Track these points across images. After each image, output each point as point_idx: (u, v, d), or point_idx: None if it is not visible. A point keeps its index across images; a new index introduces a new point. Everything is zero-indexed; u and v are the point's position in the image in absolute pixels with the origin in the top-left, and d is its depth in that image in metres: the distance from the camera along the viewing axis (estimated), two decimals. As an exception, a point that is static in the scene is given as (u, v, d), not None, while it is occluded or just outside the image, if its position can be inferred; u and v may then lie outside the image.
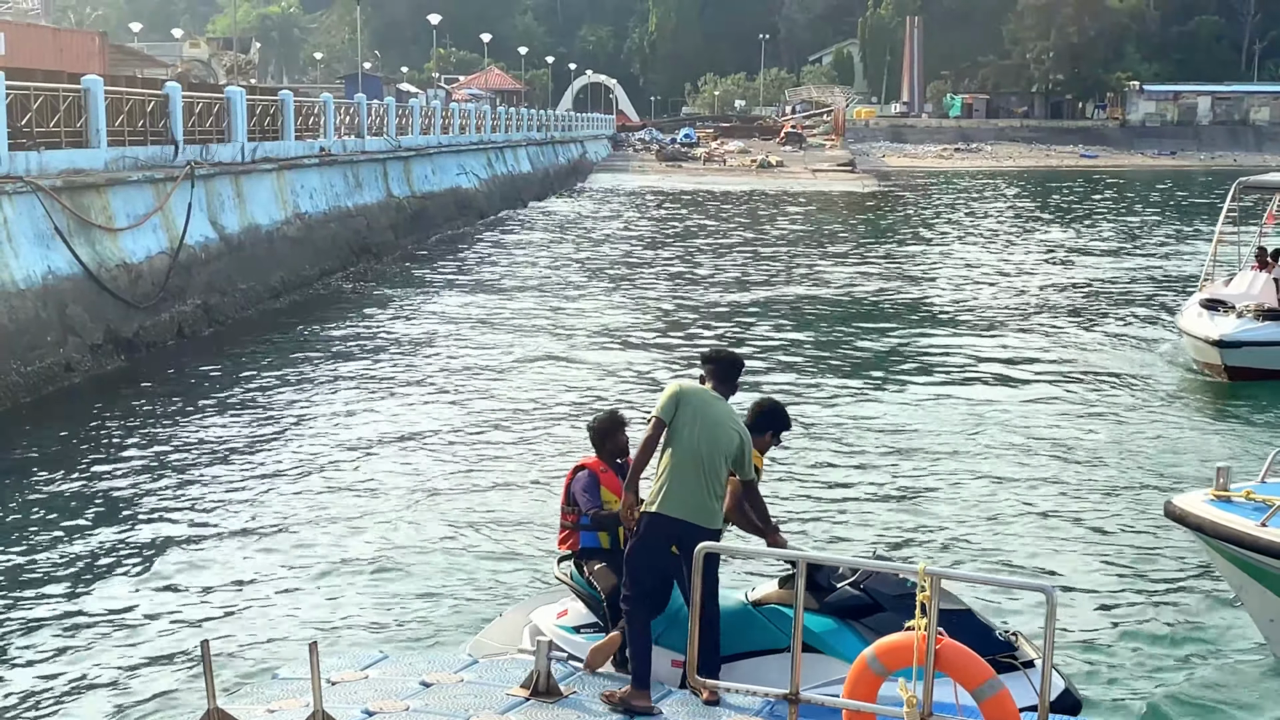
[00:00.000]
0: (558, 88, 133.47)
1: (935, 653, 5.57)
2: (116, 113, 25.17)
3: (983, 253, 40.52)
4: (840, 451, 16.11)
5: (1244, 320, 19.71)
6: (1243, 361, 19.21)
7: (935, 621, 5.53)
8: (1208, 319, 20.18)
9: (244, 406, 18.80)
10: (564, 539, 8.28)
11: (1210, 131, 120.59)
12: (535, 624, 8.63)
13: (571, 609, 8.48)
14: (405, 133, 46.42)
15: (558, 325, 26.14)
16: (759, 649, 7.84)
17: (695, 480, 7.36)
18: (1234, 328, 19.54)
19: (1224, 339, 19.25)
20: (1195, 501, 8.96)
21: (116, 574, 11.89)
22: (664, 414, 7.48)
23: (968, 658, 5.78)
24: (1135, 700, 9.15)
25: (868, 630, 7.57)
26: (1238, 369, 19.26)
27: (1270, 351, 19.31)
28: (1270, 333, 19.50)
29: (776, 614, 7.94)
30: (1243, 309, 20.04)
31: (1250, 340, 19.27)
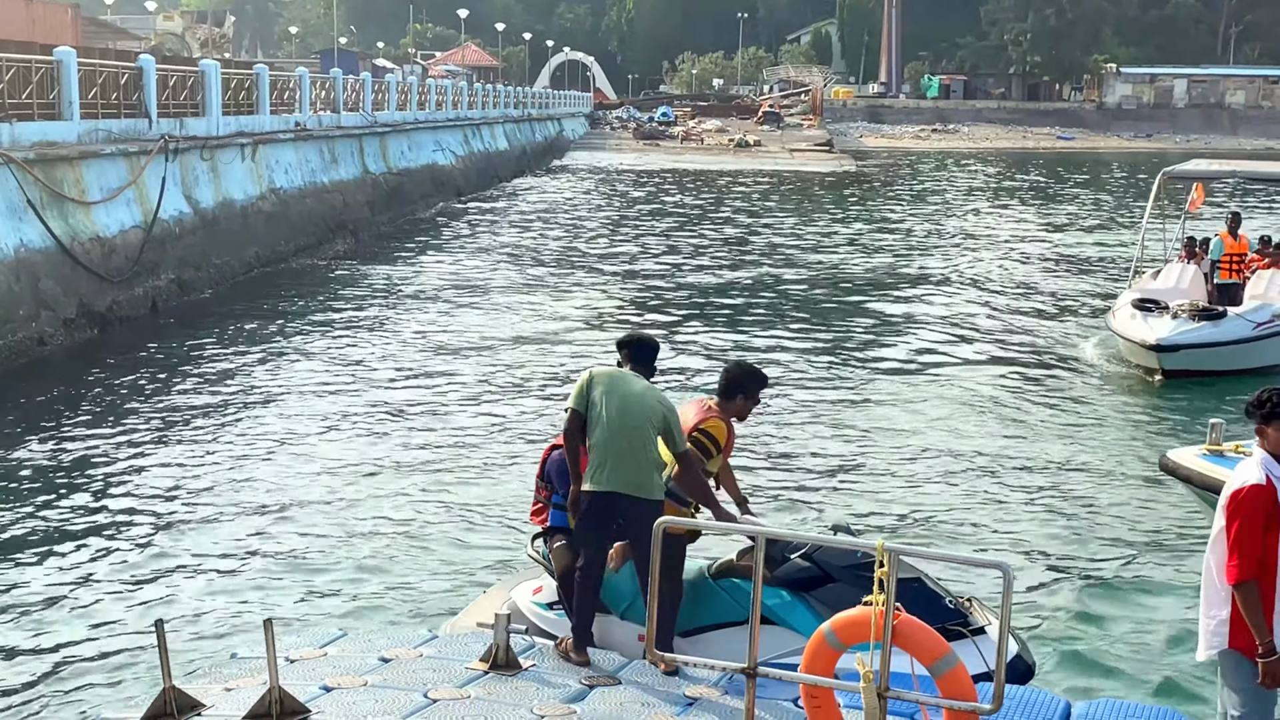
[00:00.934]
0: (535, 65, 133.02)
1: (892, 628, 5.64)
2: (90, 85, 25.04)
3: (950, 235, 40.59)
4: (798, 426, 16.27)
5: (1180, 322, 19.09)
6: (1180, 365, 18.71)
7: (893, 597, 5.60)
8: (1142, 321, 19.51)
9: (214, 382, 18.79)
10: (536, 513, 8.42)
11: (1186, 114, 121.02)
12: (514, 600, 8.70)
13: (546, 585, 8.55)
14: (381, 108, 46.25)
15: (532, 303, 26.16)
16: (718, 622, 7.95)
17: (623, 454, 7.51)
18: (1170, 330, 18.89)
19: (1161, 343, 18.64)
20: (1189, 456, 9.20)
21: (74, 550, 11.85)
22: (576, 403, 7.68)
23: (924, 633, 5.85)
24: (1091, 665, 9.32)
25: (819, 602, 7.71)
26: (1175, 372, 18.74)
27: (1206, 353, 18.86)
28: (1206, 334, 18.98)
29: (734, 587, 8.03)
30: (1176, 309, 19.44)
31: (1187, 343, 18.74)
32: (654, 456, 7.62)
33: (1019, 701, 7.01)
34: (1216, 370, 18.87)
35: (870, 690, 5.61)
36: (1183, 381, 18.57)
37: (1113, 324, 20.40)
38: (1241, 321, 19.34)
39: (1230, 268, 21.87)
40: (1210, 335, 18.93)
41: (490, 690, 7.05)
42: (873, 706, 5.65)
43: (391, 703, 6.80)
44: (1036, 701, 7.11)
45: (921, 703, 5.96)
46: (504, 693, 7.03)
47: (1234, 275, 21.75)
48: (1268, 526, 5.78)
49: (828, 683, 5.84)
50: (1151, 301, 19.97)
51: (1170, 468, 9.34)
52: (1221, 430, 9.34)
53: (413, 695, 6.91)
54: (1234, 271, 21.81)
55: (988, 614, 8.01)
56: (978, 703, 5.77)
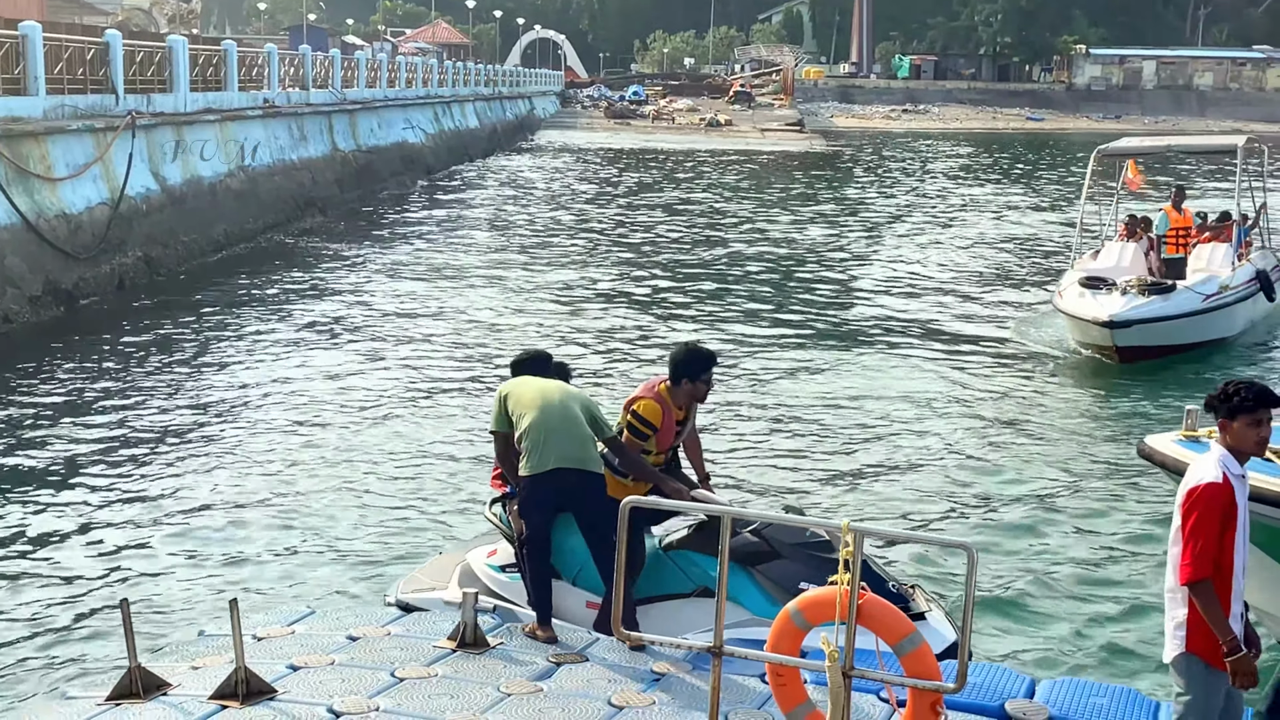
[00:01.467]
0: (505, 43, 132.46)
1: (857, 607, 5.68)
2: (55, 60, 24.81)
3: (912, 216, 40.58)
4: (751, 407, 16.36)
5: (1129, 297, 18.80)
6: (1133, 341, 18.40)
7: (858, 576, 5.64)
8: (1091, 298, 19.14)
9: (181, 360, 18.71)
10: (497, 476, 8.55)
11: (1154, 96, 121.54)
12: (468, 562, 8.84)
13: (501, 549, 8.67)
14: (351, 86, 46.00)
15: (500, 281, 26.15)
16: (669, 593, 8.03)
17: (559, 430, 7.60)
18: (1121, 306, 18.56)
19: (1114, 319, 18.30)
20: (1165, 442, 9.28)
21: (38, 528, 11.79)
22: (498, 425, 7.86)
23: (889, 612, 5.89)
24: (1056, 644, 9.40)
25: (765, 578, 7.81)
26: (1128, 349, 18.44)
27: (1159, 328, 18.61)
28: (1157, 308, 18.71)
29: (686, 559, 8.09)
30: (1125, 285, 19.18)
31: (1140, 318, 18.44)
32: (589, 431, 7.73)
33: (983, 679, 7.08)
34: (1168, 345, 18.76)
35: (835, 669, 5.64)
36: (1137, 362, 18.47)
37: (1060, 304, 20.00)
38: (1191, 294, 19.16)
39: (1176, 242, 21.61)
40: (1161, 309, 18.72)
41: (457, 668, 7.07)
42: (838, 685, 5.68)
43: (358, 682, 6.81)
44: (1001, 679, 7.18)
45: (886, 681, 6.00)
46: (471, 671, 7.06)
47: (1180, 250, 21.50)
48: (1224, 525, 5.67)
49: (793, 661, 5.87)
50: (1098, 279, 19.73)
51: (1147, 453, 9.42)
52: (1197, 416, 9.39)
53: (380, 674, 6.93)
54: (1179, 246, 21.56)
55: (929, 601, 8.16)
56: (941, 681, 5.82)
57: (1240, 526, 5.66)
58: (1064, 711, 6.87)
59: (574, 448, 7.65)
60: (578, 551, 8.01)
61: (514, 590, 8.32)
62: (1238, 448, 5.82)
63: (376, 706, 6.47)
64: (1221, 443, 5.83)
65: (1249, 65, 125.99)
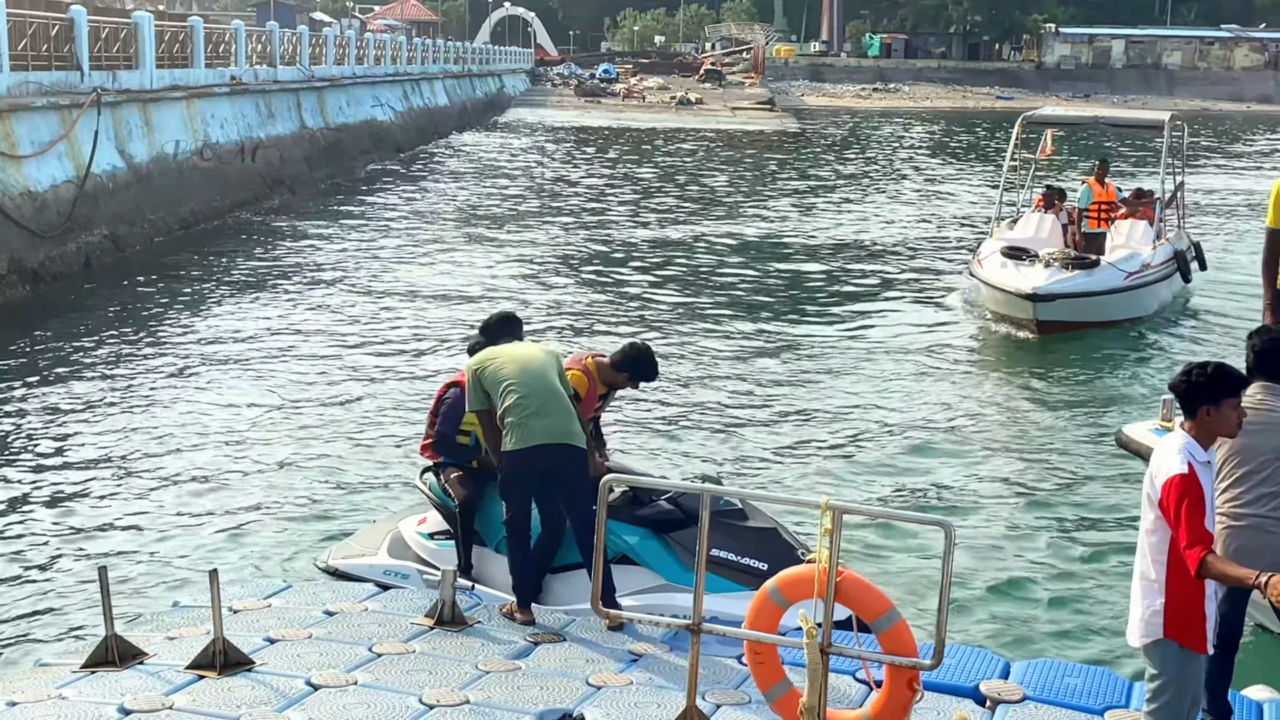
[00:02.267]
0: (475, 20, 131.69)
1: (835, 584, 5.66)
2: (19, 36, 24.46)
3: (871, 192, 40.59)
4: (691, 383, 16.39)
5: (1053, 271, 18.36)
6: (1055, 315, 17.94)
7: (837, 554, 5.62)
8: (1014, 269, 18.71)
9: (148, 337, 18.57)
10: (426, 447, 8.92)
11: (1123, 75, 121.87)
12: (399, 531, 9.19)
13: (430, 517, 9.05)
14: (319, 63, 45.61)
15: (467, 258, 26.16)
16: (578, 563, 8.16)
17: (540, 407, 7.64)
18: (1045, 279, 18.13)
19: (1037, 292, 17.84)
20: (1142, 431, 9.36)
21: (12, 498, 11.71)
22: (477, 404, 7.87)
23: (867, 590, 5.88)
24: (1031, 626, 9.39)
25: (677, 544, 8.09)
26: (1049, 323, 17.99)
27: (1082, 303, 18.19)
28: (1080, 283, 18.29)
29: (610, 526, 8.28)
30: (1048, 258, 18.76)
31: (1063, 293, 18.01)
32: (569, 404, 7.78)
33: (958, 660, 7.09)
34: (1088, 322, 18.39)
35: (813, 646, 5.64)
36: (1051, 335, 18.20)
37: (980, 273, 19.50)
38: (1114, 270, 18.86)
39: (1098, 217, 21.21)
40: (1084, 284, 18.36)
41: (435, 645, 7.10)
42: (815, 662, 5.68)
43: (336, 656, 6.83)
44: (976, 660, 7.20)
45: (863, 658, 6.01)
46: (449, 648, 7.09)
47: (1101, 224, 21.11)
48: None
49: (771, 639, 5.88)
50: (1020, 250, 19.32)
51: (1123, 442, 9.50)
52: (1172, 406, 9.42)
53: (358, 649, 6.96)
54: (1101, 220, 21.17)
55: None
56: (918, 659, 5.82)
57: (1208, 512, 5.57)
58: (1039, 692, 6.91)
59: (559, 422, 7.67)
60: (499, 520, 8.21)
61: (443, 557, 8.59)
62: (1217, 432, 5.69)
63: (354, 680, 6.50)
64: (1191, 430, 5.65)
65: (1217, 44, 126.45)
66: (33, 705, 6.21)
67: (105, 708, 6.13)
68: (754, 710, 6.48)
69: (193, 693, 6.32)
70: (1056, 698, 6.86)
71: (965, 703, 6.80)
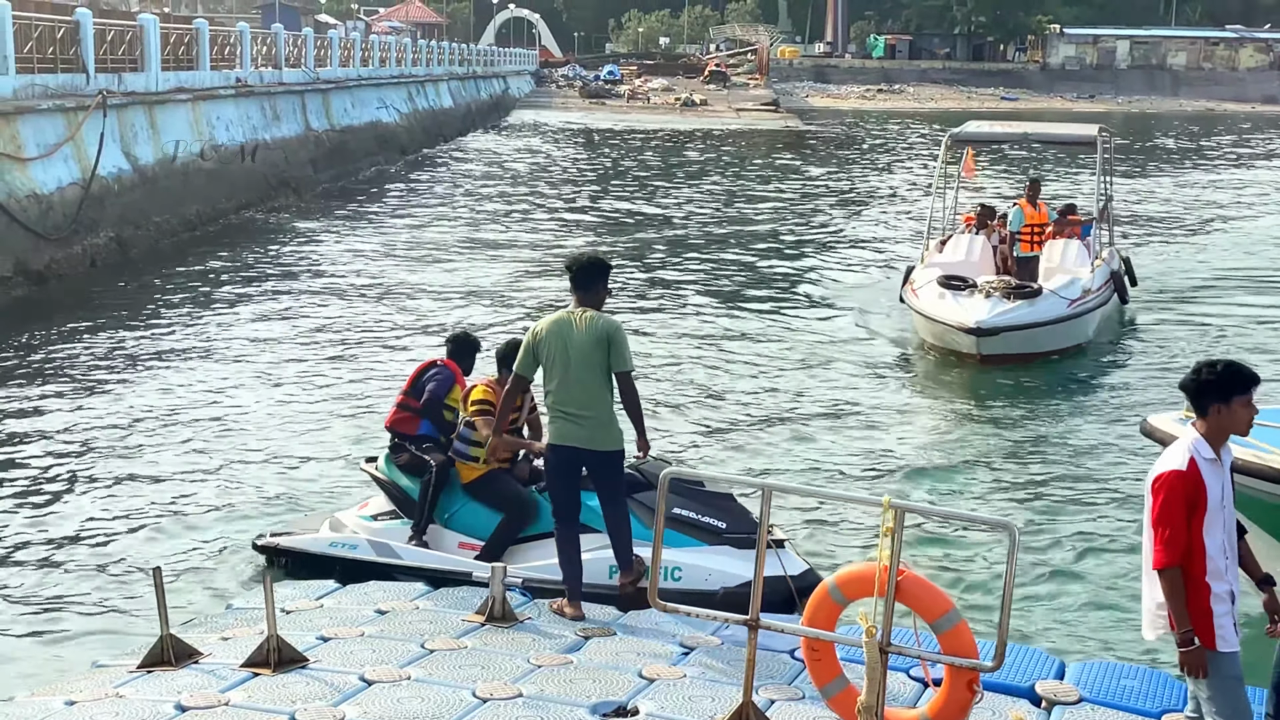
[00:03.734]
0: (479, 22, 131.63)
1: (896, 584, 5.48)
2: (25, 38, 24.30)
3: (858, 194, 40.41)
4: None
5: (995, 302, 17.26)
6: (997, 349, 16.96)
7: (899, 554, 5.42)
8: (953, 301, 17.59)
9: (156, 338, 18.44)
10: (396, 420, 9.51)
11: (1128, 75, 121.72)
12: (335, 517, 9.79)
13: (372, 502, 9.72)
14: (324, 65, 45.47)
15: (472, 256, 26.18)
16: (545, 531, 8.76)
17: (579, 408, 7.67)
18: (988, 312, 17.02)
19: (981, 326, 16.78)
20: (1168, 421, 9.28)
21: (54, 501, 11.56)
22: (522, 369, 7.94)
23: (928, 590, 5.71)
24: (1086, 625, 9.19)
25: (635, 504, 8.49)
26: (991, 356, 17.00)
27: (1026, 335, 17.17)
28: (1024, 314, 17.22)
29: None
30: (987, 287, 17.66)
31: (1007, 325, 16.94)
32: (609, 407, 7.75)
33: (1013, 660, 6.89)
34: (1031, 353, 17.41)
35: (873, 644, 5.48)
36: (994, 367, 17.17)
37: (916, 304, 18.38)
38: (1056, 299, 17.81)
39: (1031, 240, 19.97)
40: (1028, 316, 17.29)
41: (487, 641, 7.11)
42: (874, 661, 5.51)
43: (389, 653, 6.85)
44: (1031, 660, 7.02)
45: (923, 658, 5.81)
46: (500, 644, 7.10)
47: (1035, 248, 19.87)
48: (1191, 512, 5.49)
49: (830, 636, 5.74)
50: (957, 279, 18.19)
51: (1148, 431, 9.39)
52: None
53: (410, 645, 6.97)
54: (1034, 244, 19.92)
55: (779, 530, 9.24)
56: (978, 660, 5.63)
57: (1213, 509, 5.51)
58: (1094, 693, 6.74)
59: (591, 427, 7.73)
60: (453, 499, 9.20)
61: (389, 533, 9.33)
62: (1229, 429, 5.64)
63: (408, 676, 6.49)
64: (1202, 428, 5.63)
65: (1222, 45, 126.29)
66: (91, 704, 6.21)
67: (162, 705, 6.13)
68: (809, 706, 6.36)
69: (248, 689, 6.32)
70: (1113, 700, 6.69)
71: (1021, 703, 6.64)
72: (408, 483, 9.42)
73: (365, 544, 9.32)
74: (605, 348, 7.63)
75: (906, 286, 19.39)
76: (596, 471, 7.83)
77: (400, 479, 9.45)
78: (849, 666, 5.97)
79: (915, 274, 19.56)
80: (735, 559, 8.69)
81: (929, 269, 19.24)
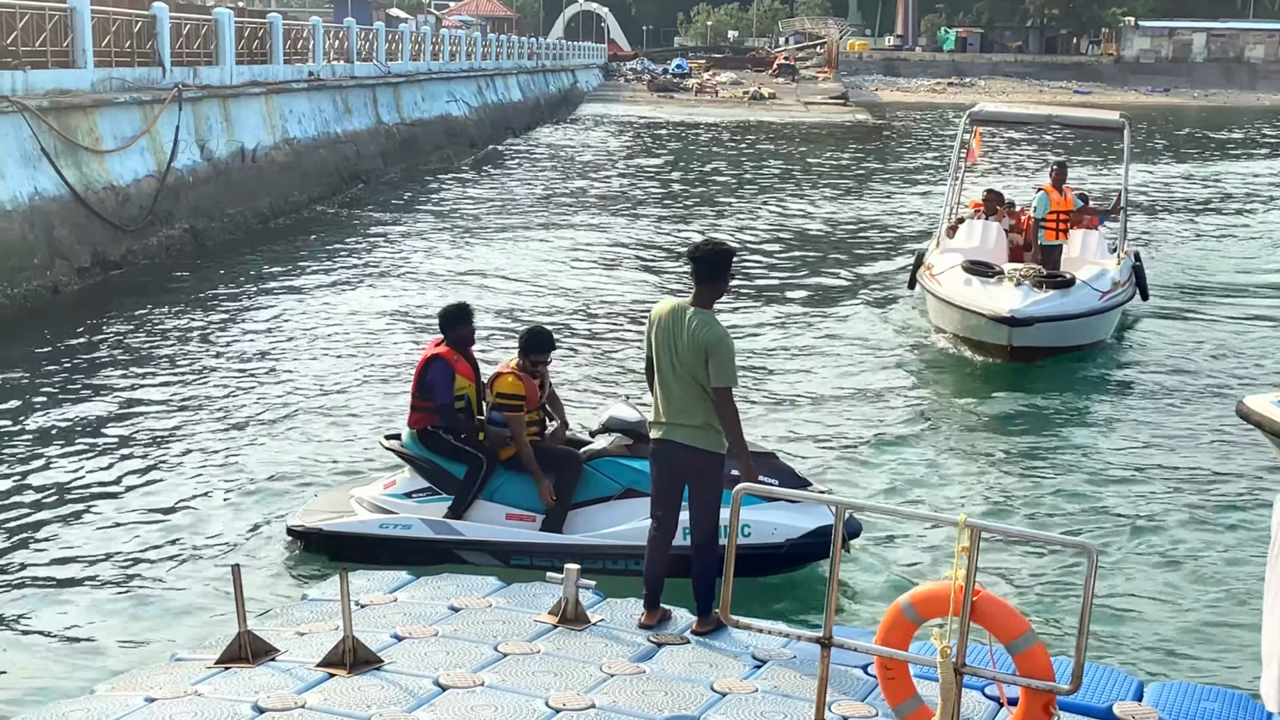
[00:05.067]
0: (549, 15, 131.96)
1: (971, 604, 5.41)
2: (103, 33, 24.65)
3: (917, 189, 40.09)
4: None
5: (1026, 291, 16.31)
6: (1029, 340, 16.07)
7: (974, 573, 5.34)
8: (981, 288, 16.62)
9: (233, 327, 18.64)
10: (417, 420, 9.68)
11: (1204, 69, 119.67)
12: (361, 496, 9.94)
13: (400, 479, 9.91)
14: (395, 59, 45.74)
15: (538, 246, 26.40)
16: (594, 497, 9.50)
17: (676, 403, 7.34)
18: (1022, 301, 16.05)
19: (1015, 316, 15.77)
20: (1263, 403, 9.22)
21: (128, 498, 11.66)
22: (647, 349, 7.57)
23: (1004, 610, 5.63)
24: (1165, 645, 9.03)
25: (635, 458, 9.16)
26: (1023, 349, 16.12)
27: (1059, 327, 16.32)
28: (1057, 305, 16.31)
29: (612, 465, 9.55)
30: (1016, 275, 16.66)
31: (1042, 315, 16.04)
32: (711, 415, 7.29)
33: (1090, 680, 6.77)
34: (1058, 347, 16.62)
35: (947, 665, 5.41)
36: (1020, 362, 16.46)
37: (937, 289, 17.35)
38: (1089, 291, 16.94)
39: (1056, 227, 18.87)
40: (1062, 306, 16.39)
41: (559, 645, 7.11)
42: (949, 681, 5.44)
43: (462, 655, 6.87)
44: (1108, 680, 6.88)
45: (999, 680, 5.73)
46: (573, 648, 7.10)
47: (1060, 235, 18.89)
48: None
49: (904, 656, 5.67)
50: (984, 265, 17.35)
51: (1244, 414, 9.28)
52: None
53: (483, 648, 7.00)
54: (1060, 231, 18.90)
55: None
56: (1055, 682, 5.55)
57: None
58: (1174, 715, 6.58)
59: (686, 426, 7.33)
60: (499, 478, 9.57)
61: (433, 510, 9.56)
62: None
63: (481, 681, 6.51)
64: None
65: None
66: (170, 702, 6.28)
67: (240, 705, 6.19)
68: (883, 725, 6.25)
69: (324, 691, 6.36)
70: (1194, 724, 6.51)
71: (1098, 726, 6.47)
72: (444, 461, 9.67)
73: (420, 523, 9.52)
74: (704, 360, 7.16)
75: (922, 270, 18.65)
76: (690, 475, 7.37)
77: (434, 457, 9.69)
78: (922, 684, 5.91)
79: (931, 259, 18.73)
80: (793, 513, 9.26)
81: (946, 254, 18.32)
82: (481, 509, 9.56)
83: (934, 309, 17.90)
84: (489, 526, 9.51)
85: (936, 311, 17.75)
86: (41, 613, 9.19)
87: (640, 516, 8.49)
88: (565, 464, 9.47)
